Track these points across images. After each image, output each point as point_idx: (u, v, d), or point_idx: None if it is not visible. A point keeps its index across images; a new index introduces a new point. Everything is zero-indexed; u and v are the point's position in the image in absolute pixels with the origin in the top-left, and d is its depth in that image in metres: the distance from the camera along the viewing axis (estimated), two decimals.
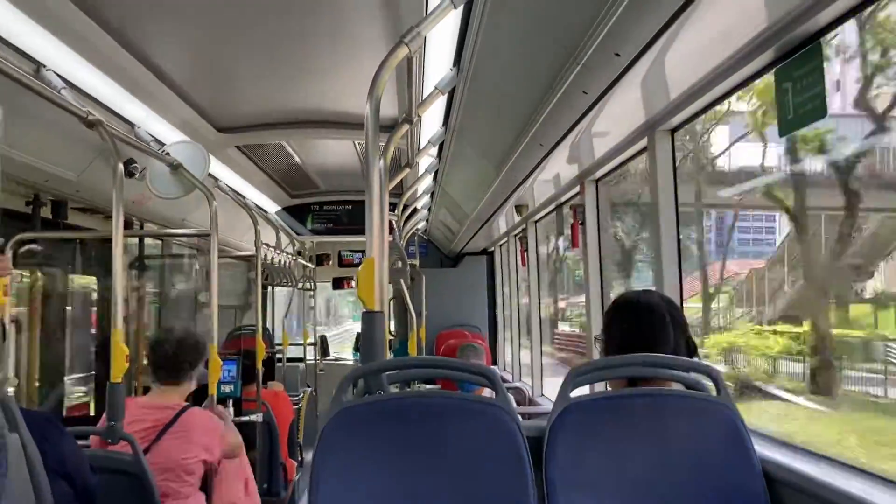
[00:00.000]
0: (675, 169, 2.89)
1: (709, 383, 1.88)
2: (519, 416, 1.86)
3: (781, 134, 1.98)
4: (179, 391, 3.14)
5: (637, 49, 1.99)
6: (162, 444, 2.91)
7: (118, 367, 2.71)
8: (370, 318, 2.07)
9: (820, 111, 1.80)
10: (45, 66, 2.77)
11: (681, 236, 2.92)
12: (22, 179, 3.40)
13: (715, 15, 1.86)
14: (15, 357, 3.77)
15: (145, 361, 3.11)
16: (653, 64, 2.17)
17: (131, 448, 2.75)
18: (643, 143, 3.01)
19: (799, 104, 1.87)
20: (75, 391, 4.77)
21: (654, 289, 2.79)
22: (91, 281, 4.92)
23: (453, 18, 2.55)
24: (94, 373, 4.83)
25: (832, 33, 1.82)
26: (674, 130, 2.85)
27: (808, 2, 1.73)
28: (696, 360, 1.98)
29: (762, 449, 1.85)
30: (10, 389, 3.53)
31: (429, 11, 2.28)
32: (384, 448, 1.78)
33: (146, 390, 4.99)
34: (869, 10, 1.71)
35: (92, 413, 4.68)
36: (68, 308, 4.68)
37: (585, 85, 2.32)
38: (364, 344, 2.09)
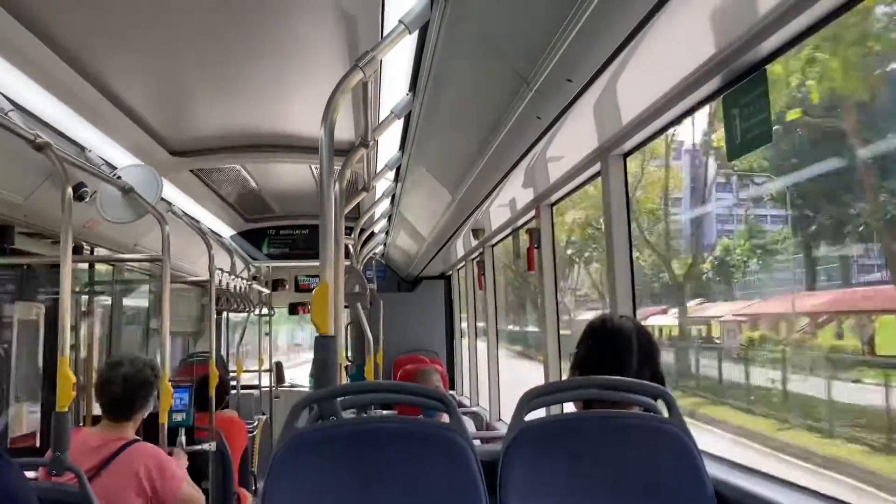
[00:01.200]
0: (627, 193, 2.94)
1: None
2: (474, 441, 1.86)
3: (730, 158, 2.03)
4: (131, 424, 3.08)
5: (588, 75, 2.02)
6: (101, 480, 2.85)
7: (64, 396, 2.64)
8: (324, 343, 2.05)
9: (766, 136, 1.85)
10: None
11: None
12: None
13: (664, 43, 1.91)
14: None
15: (94, 392, 3.03)
16: (604, 90, 2.20)
17: (77, 480, 2.66)
18: (596, 167, 3.05)
19: (746, 129, 1.92)
20: (21, 421, 4.62)
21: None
22: (38, 307, 4.79)
23: (408, 43, 2.56)
24: (40, 402, 4.69)
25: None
26: (626, 155, 2.90)
27: (752, 31, 1.78)
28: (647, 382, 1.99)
29: (714, 470, 1.87)
30: None
31: (384, 36, 2.30)
32: (337, 475, 1.75)
33: (95, 420, 4.87)
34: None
35: (38, 444, 4.54)
36: (13, 335, 4.54)
37: (539, 110, 2.34)
38: (317, 369, 2.07)
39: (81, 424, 4.89)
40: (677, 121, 2.44)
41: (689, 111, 2.33)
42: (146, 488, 2.91)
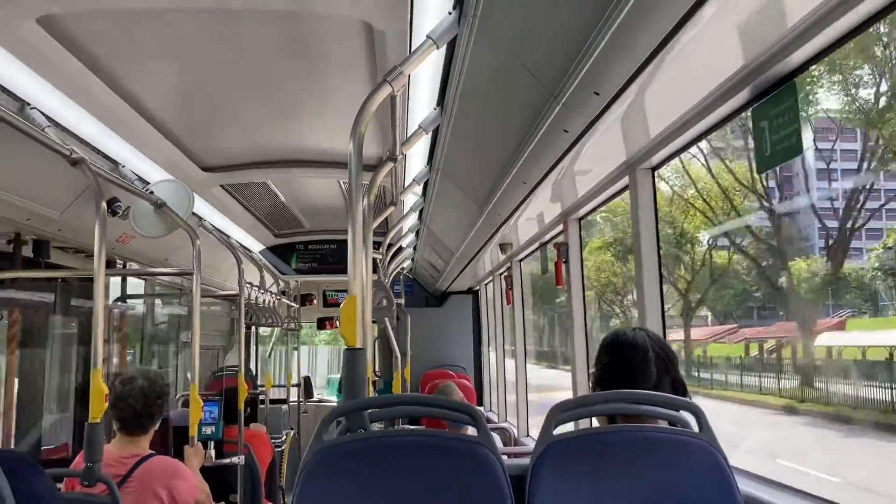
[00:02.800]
0: (655, 207, 2.92)
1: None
2: (502, 455, 1.85)
3: (759, 171, 2.02)
4: (146, 437, 3.09)
5: (616, 88, 2.02)
6: (123, 496, 2.83)
7: (97, 408, 2.67)
8: (352, 356, 2.06)
9: (796, 148, 1.84)
10: (29, 104, 2.78)
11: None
12: (2, 218, 3.37)
13: (692, 55, 1.90)
14: None
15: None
16: (632, 103, 2.20)
17: (108, 490, 2.69)
18: (625, 181, 3.04)
19: (776, 141, 1.90)
20: (54, 432, 4.69)
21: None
22: (72, 320, 4.87)
23: (436, 58, 2.58)
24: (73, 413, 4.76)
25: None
26: (654, 169, 2.89)
27: (781, 43, 1.77)
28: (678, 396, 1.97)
29: (745, 486, 1.84)
30: None
31: (412, 51, 2.31)
32: (365, 487, 1.75)
33: None
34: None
35: (71, 454, 4.59)
36: (49, 347, 4.62)
37: (566, 124, 2.35)
38: (346, 382, 2.07)
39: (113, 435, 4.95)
40: (706, 133, 2.43)
41: (719, 124, 2.32)
42: (165, 501, 2.92)
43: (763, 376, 11.45)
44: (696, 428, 1.84)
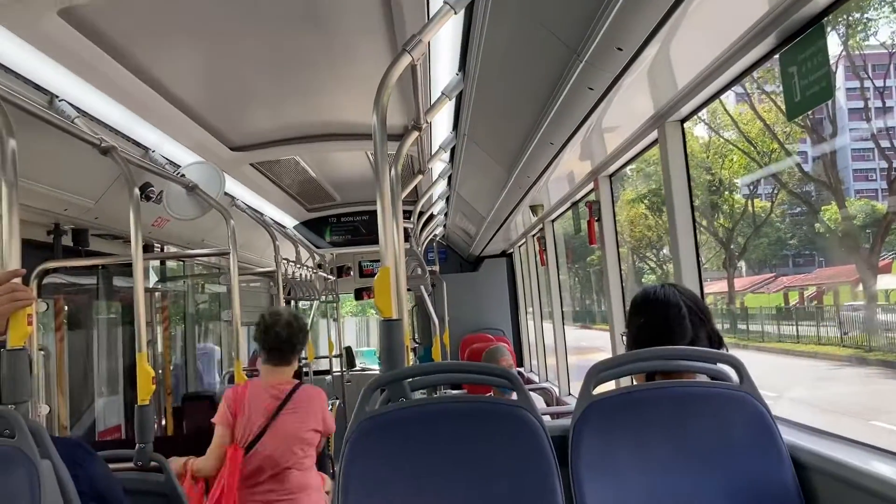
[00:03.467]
0: (686, 159, 2.88)
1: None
2: (544, 416, 1.86)
3: (790, 117, 1.97)
4: (290, 370, 3.31)
5: (639, 42, 1.99)
6: (279, 421, 3.12)
7: (144, 390, 2.75)
8: (388, 327, 2.08)
9: (827, 92, 1.80)
10: (57, 96, 2.82)
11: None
12: (42, 209, 3.45)
13: (715, 3, 1.86)
14: (45, 385, 3.82)
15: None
16: (656, 56, 2.16)
17: (162, 469, 2.78)
18: (654, 135, 3.00)
19: (805, 86, 1.86)
20: (106, 414, 4.82)
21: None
22: (115, 305, 4.98)
23: (455, 24, 2.56)
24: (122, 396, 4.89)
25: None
26: (683, 121, 2.84)
27: None
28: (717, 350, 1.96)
29: (789, 436, 1.83)
30: (42, 416, 3.58)
31: (429, 18, 2.29)
32: (409, 455, 1.78)
33: (175, 410, 5.06)
34: None
35: (124, 436, 4.73)
36: (94, 333, 4.74)
37: (590, 81, 2.32)
38: (384, 352, 2.10)
39: (163, 415, 5.08)
40: (734, 82, 2.38)
41: (746, 71, 2.27)
42: (321, 421, 3.23)
43: (821, 325, 10.98)
44: (736, 380, 1.84)
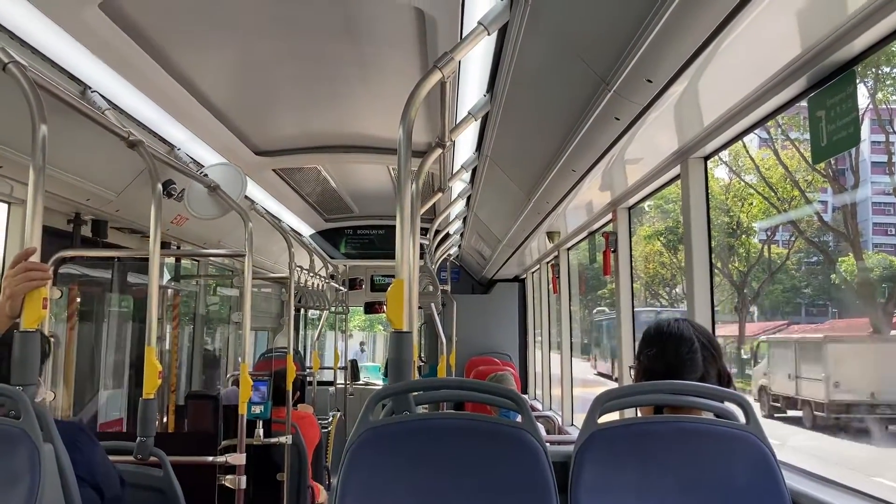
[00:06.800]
0: (707, 197, 2.88)
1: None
2: (545, 442, 1.85)
3: (815, 161, 1.98)
4: None
5: (669, 75, 2.00)
6: None
7: (150, 383, 2.75)
8: (398, 339, 2.08)
9: (854, 138, 1.80)
10: (90, 87, 2.86)
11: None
12: (64, 198, 3.48)
13: (747, 42, 1.87)
14: (51, 371, 3.84)
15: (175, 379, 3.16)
16: (685, 90, 2.17)
17: (161, 464, 2.78)
18: (676, 170, 3.00)
19: (832, 131, 1.86)
20: (109, 406, 4.84)
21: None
22: (127, 299, 5.01)
23: (487, 45, 2.58)
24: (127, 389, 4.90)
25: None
26: (707, 158, 2.84)
27: (841, 29, 1.73)
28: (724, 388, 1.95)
29: (792, 481, 1.81)
30: (47, 401, 3.59)
31: (463, 37, 2.32)
32: (409, 468, 1.78)
33: (178, 407, 5.06)
34: None
35: (125, 429, 4.73)
36: (105, 325, 4.76)
37: (617, 111, 2.33)
38: (392, 364, 2.10)
39: (165, 411, 5.09)
40: (761, 122, 2.39)
41: (774, 112, 2.27)
42: None
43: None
44: (742, 420, 1.82)
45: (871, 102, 10.46)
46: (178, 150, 3.74)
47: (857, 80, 1.86)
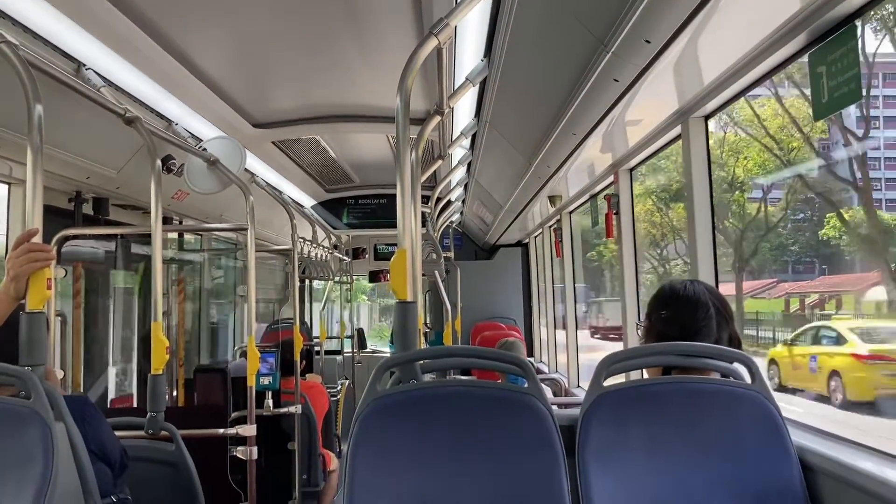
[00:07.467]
0: (709, 156, 2.87)
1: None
2: (551, 405, 1.87)
3: (816, 118, 1.96)
4: None
5: (667, 35, 1.97)
6: None
7: (158, 359, 2.77)
8: (403, 309, 2.09)
9: (855, 94, 1.78)
10: (85, 65, 2.84)
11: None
12: (64, 177, 3.48)
13: None
14: (60, 350, 3.87)
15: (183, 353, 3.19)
16: (684, 50, 2.15)
17: (172, 439, 2.81)
18: (677, 130, 2.98)
19: (833, 87, 1.84)
20: (119, 382, 4.88)
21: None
22: (132, 275, 5.03)
23: (483, 9, 2.55)
24: (136, 365, 4.94)
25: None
26: (707, 117, 2.82)
27: None
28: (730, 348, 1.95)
29: (798, 438, 1.83)
30: (57, 380, 3.62)
31: (458, 2, 2.29)
32: (417, 436, 1.80)
33: (187, 381, 5.10)
34: None
35: (136, 404, 4.78)
36: (111, 302, 4.78)
37: (616, 72, 2.30)
38: (397, 334, 2.11)
39: (174, 386, 5.14)
40: (761, 80, 2.36)
41: (774, 70, 2.25)
42: None
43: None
44: (748, 380, 1.83)
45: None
46: (176, 125, 3.72)
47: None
